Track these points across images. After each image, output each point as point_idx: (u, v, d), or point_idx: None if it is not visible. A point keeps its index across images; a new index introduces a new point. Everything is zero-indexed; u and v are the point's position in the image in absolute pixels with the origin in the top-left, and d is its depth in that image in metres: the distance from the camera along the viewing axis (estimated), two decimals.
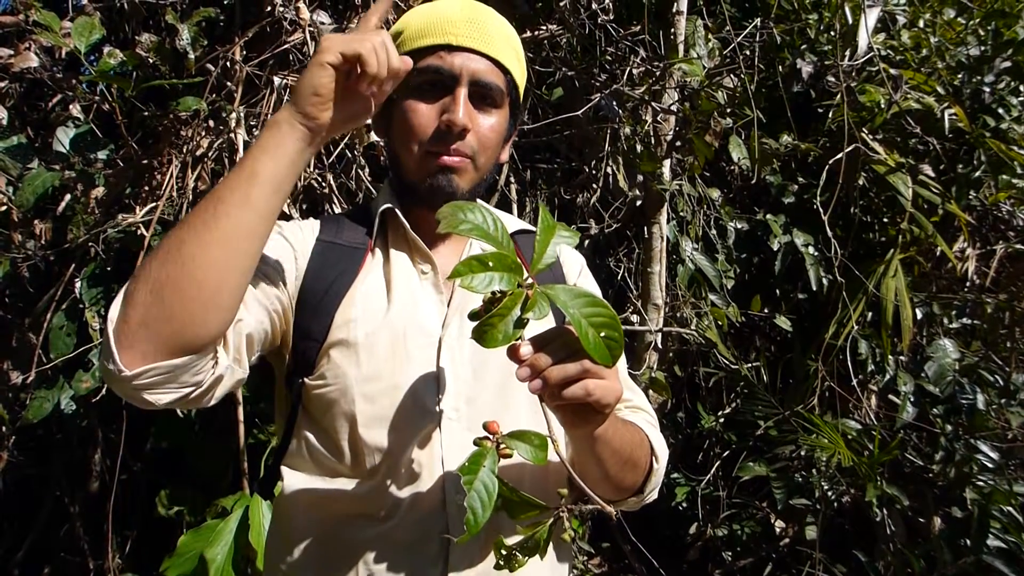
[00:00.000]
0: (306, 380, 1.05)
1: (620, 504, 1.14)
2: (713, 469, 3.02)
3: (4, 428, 2.22)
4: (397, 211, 1.13)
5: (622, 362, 1.27)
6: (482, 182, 1.13)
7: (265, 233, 0.91)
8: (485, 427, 0.87)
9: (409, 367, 1.04)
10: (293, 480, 1.06)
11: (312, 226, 1.14)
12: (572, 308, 0.82)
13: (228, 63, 2.26)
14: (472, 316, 0.83)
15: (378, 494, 1.01)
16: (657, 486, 1.15)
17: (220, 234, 0.86)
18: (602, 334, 0.82)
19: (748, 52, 2.71)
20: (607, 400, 0.85)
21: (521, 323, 0.80)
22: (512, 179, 2.77)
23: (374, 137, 2.21)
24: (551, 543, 0.89)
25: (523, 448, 0.84)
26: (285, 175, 0.91)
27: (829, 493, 2.73)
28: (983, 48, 3.02)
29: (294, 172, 0.92)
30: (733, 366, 2.81)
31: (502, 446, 0.84)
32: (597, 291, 1.28)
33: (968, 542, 2.47)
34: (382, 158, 2.30)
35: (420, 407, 1.03)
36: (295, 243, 1.09)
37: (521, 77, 1.16)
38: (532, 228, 1.24)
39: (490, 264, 0.79)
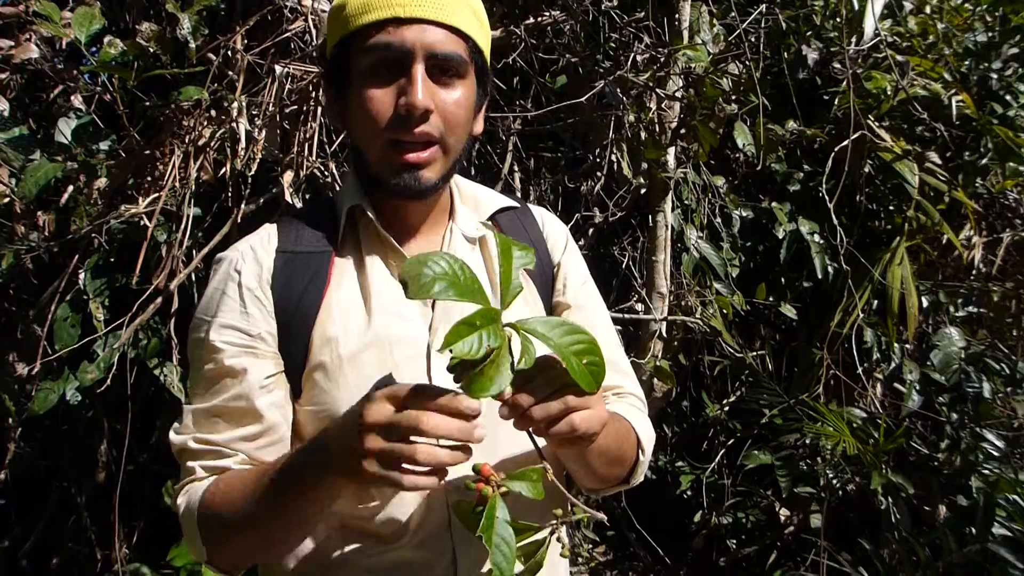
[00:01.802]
0: (296, 405, 1.01)
1: (604, 491, 1.15)
2: (718, 457, 3.03)
3: (10, 420, 2.22)
4: (367, 209, 1.04)
5: (615, 342, 1.24)
6: (455, 164, 1.04)
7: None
8: (476, 471, 0.84)
9: (399, 381, 0.94)
10: None
11: (267, 238, 1.06)
12: (553, 339, 0.81)
13: (229, 52, 2.24)
14: (452, 369, 0.80)
15: (383, 517, 0.97)
16: (643, 473, 1.14)
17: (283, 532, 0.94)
18: (584, 361, 0.81)
19: (753, 38, 2.69)
20: (593, 429, 0.86)
21: (512, 372, 0.78)
22: (516, 167, 2.75)
23: None
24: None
25: (523, 486, 0.83)
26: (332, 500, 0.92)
27: (834, 481, 2.73)
28: (990, 34, 2.99)
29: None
30: (738, 354, 2.80)
31: (502, 488, 0.82)
32: (582, 265, 1.23)
33: (973, 530, 2.47)
34: None
35: None
36: (259, 292, 1.01)
37: (485, 40, 1.05)
38: (515, 204, 1.19)
39: (477, 323, 0.77)
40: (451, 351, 0.75)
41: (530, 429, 0.84)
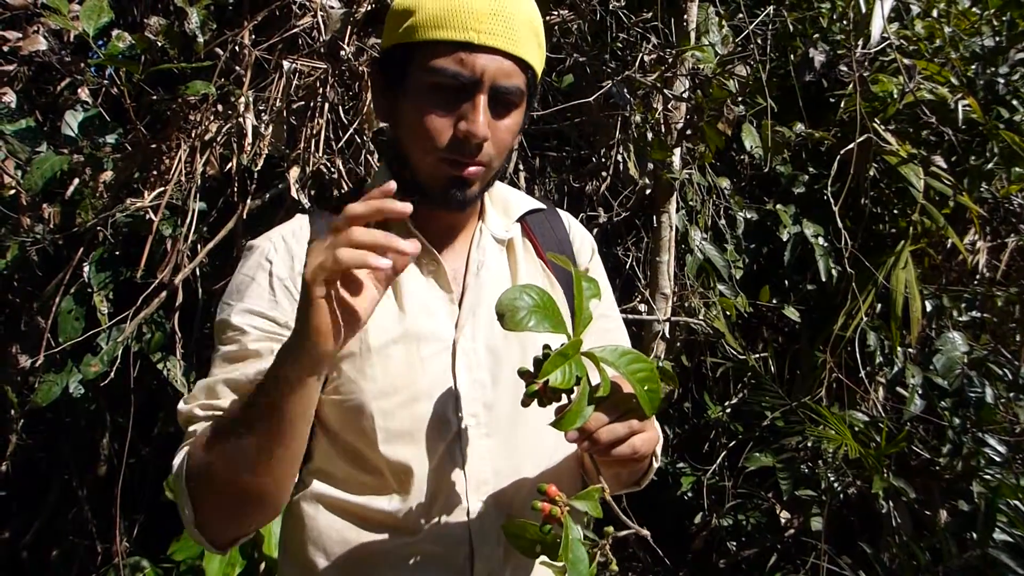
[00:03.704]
0: (320, 396, 1.00)
1: (614, 494, 1.15)
2: (719, 459, 3.02)
3: (13, 411, 2.22)
4: None
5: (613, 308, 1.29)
6: (494, 178, 1.08)
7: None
8: (542, 491, 0.85)
9: (425, 376, 1.01)
10: (317, 487, 1.04)
11: (300, 229, 1.08)
12: (621, 367, 0.86)
13: (237, 47, 2.24)
14: (530, 395, 0.85)
15: (404, 509, 0.99)
16: (651, 476, 1.20)
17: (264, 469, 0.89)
18: (645, 387, 0.86)
19: (760, 40, 2.68)
20: (648, 452, 0.91)
21: (594, 401, 0.84)
22: (521, 166, 2.75)
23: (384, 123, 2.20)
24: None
25: (586, 506, 0.86)
26: (310, 402, 0.87)
27: (835, 484, 2.73)
28: (998, 39, 2.99)
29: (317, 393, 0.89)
30: (740, 356, 2.80)
31: (567, 509, 0.84)
32: (604, 277, 1.27)
33: (974, 535, 2.47)
34: None
35: (440, 418, 1.01)
36: (289, 283, 1.03)
37: (540, 64, 1.06)
38: (543, 206, 1.22)
39: (569, 354, 0.82)
40: (539, 380, 0.82)
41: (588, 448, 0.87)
